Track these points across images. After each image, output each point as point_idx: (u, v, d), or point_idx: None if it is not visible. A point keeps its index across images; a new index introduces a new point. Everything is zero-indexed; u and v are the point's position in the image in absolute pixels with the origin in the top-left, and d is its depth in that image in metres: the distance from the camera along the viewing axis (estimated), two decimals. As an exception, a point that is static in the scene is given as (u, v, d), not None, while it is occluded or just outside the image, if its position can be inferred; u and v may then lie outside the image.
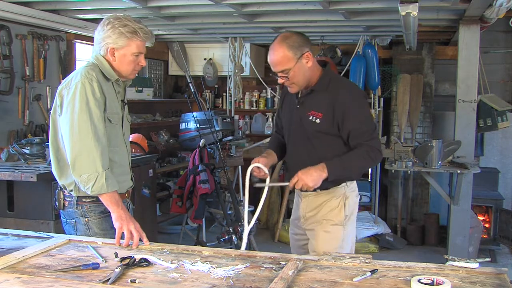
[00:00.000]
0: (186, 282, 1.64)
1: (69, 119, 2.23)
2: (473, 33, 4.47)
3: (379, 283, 1.63)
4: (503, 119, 4.98)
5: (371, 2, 3.89)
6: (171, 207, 4.90)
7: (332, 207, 2.60)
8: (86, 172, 2.22)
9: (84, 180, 2.22)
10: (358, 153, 2.48)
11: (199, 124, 5.10)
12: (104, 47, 2.35)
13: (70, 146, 2.24)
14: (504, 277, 1.66)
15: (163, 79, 6.81)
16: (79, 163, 2.22)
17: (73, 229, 2.41)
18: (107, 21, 2.34)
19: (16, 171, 3.48)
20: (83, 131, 2.22)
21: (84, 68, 2.33)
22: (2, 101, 4.31)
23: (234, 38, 6.11)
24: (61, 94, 2.30)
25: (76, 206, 2.37)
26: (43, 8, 4.25)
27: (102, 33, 2.34)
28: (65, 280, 1.63)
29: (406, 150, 4.52)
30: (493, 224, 5.45)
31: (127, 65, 2.39)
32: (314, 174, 2.40)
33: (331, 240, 2.58)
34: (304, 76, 2.49)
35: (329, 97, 2.50)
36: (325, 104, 2.50)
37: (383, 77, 5.99)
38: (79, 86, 2.24)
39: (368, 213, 6.02)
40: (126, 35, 2.33)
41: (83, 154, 2.22)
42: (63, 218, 2.47)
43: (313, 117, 2.52)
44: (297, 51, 2.42)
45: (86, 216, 2.37)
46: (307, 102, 2.56)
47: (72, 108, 2.23)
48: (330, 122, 2.49)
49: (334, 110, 2.47)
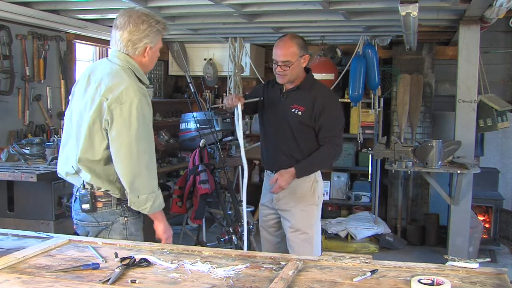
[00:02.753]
0: (186, 282, 1.64)
1: (127, 140, 2.14)
2: (473, 33, 4.47)
3: (379, 283, 1.63)
4: (503, 119, 4.97)
5: (371, 2, 3.89)
6: (171, 207, 4.89)
7: (306, 190, 3.09)
8: (145, 193, 2.20)
9: (142, 200, 2.21)
10: (320, 154, 3.01)
11: (199, 124, 5.10)
12: (142, 47, 2.26)
13: (128, 166, 2.16)
14: (504, 277, 1.66)
15: (163, 79, 6.81)
16: (138, 184, 2.18)
17: (104, 230, 2.32)
18: (139, 19, 2.23)
19: (16, 171, 3.48)
20: (141, 152, 2.17)
21: (128, 78, 2.20)
22: (2, 101, 4.31)
23: (234, 38, 6.11)
24: (111, 109, 2.13)
25: (116, 206, 2.30)
26: (43, 8, 4.25)
27: (139, 33, 2.23)
28: (65, 280, 1.63)
29: (406, 150, 4.51)
30: (493, 224, 5.45)
31: (154, 61, 2.38)
32: (286, 176, 2.93)
33: (308, 218, 3.11)
34: (297, 72, 3.03)
35: (312, 96, 3.02)
36: (307, 100, 3.01)
37: (383, 77, 5.99)
38: (135, 103, 2.13)
39: (368, 213, 6.02)
40: (161, 32, 2.30)
41: (142, 175, 2.19)
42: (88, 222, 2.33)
43: (295, 110, 3.02)
44: (301, 50, 3.00)
45: (125, 216, 2.33)
46: (290, 97, 3.07)
47: (128, 128, 2.13)
48: (309, 116, 2.99)
49: (314, 106, 2.99)
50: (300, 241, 3.10)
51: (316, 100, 2.99)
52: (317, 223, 3.16)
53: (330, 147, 3.01)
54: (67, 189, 3.47)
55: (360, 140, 6.12)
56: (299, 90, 3.05)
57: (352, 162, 6.32)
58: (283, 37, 3.05)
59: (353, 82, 5.59)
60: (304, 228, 3.10)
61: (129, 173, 2.17)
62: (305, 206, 3.09)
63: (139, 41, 2.25)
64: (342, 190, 6.37)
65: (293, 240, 3.11)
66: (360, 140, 6.12)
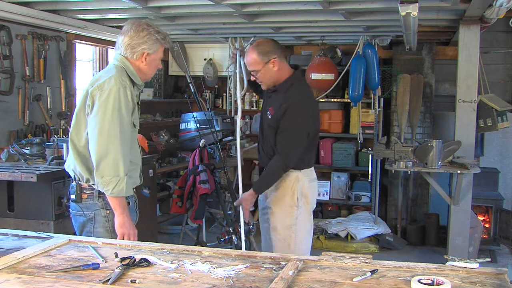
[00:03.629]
0: (186, 282, 1.64)
1: (99, 121, 2.32)
2: (473, 33, 4.46)
3: (379, 283, 1.63)
4: (503, 119, 4.97)
5: (371, 2, 3.89)
6: (171, 207, 4.90)
7: (285, 190, 3.05)
8: (109, 174, 2.33)
9: (105, 181, 2.34)
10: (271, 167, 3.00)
11: (199, 124, 5.10)
12: (140, 52, 2.45)
13: (97, 147, 2.32)
14: (504, 277, 1.66)
15: (163, 79, 6.81)
16: (104, 165, 2.33)
17: (89, 222, 2.47)
18: (140, 27, 2.43)
19: (16, 171, 3.48)
20: (111, 135, 2.32)
21: (116, 72, 2.40)
22: (2, 101, 4.31)
23: (234, 38, 6.10)
24: (93, 94, 2.35)
25: (97, 198, 2.45)
26: (43, 8, 4.25)
27: (138, 39, 2.43)
28: (65, 280, 1.63)
29: (406, 150, 4.51)
30: (493, 224, 5.45)
31: (154, 69, 2.55)
32: (247, 197, 3.07)
33: (285, 219, 3.06)
34: (270, 77, 3.00)
35: (283, 99, 2.96)
36: (278, 104, 2.97)
37: (383, 77, 5.99)
38: (114, 91, 2.33)
39: (368, 213, 6.02)
40: (160, 41, 2.48)
41: (109, 157, 2.32)
42: (76, 211, 2.51)
43: (269, 113, 3.03)
44: (264, 57, 2.94)
45: (107, 209, 2.46)
46: (271, 99, 3.07)
47: (103, 111, 2.31)
48: (275, 120, 2.97)
49: (280, 110, 2.94)
50: (278, 240, 3.10)
51: (283, 105, 2.94)
52: (297, 224, 3.07)
53: (278, 158, 2.96)
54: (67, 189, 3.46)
55: (360, 140, 6.12)
56: (277, 93, 3.04)
57: (352, 162, 6.32)
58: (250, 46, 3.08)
59: (353, 82, 5.60)
60: (281, 229, 3.09)
61: (97, 152, 2.33)
62: (284, 206, 3.07)
63: (137, 45, 2.44)
64: (342, 190, 6.37)
65: (272, 239, 3.13)
66: (360, 140, 6.12)
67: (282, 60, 3.01)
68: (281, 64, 2.99)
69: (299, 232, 3.08)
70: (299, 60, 6.49)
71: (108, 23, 4.99)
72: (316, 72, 5.77)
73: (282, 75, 3.02)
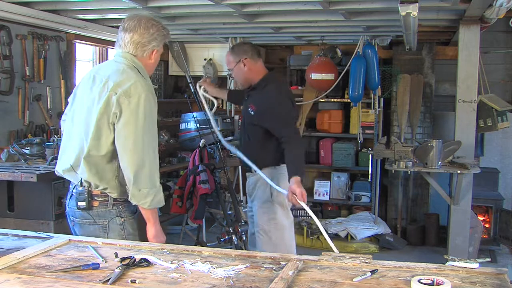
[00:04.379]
0: (186, 282, 1.64)
1: (133, 131, 2.20)
2: (473, 33, 4.46)
3: (379, 284, 1.63)
4: (503, 119, 4.97)
5: (371, 2, 3.89)
6: (171, 207, 4.89)
7: (262, 186, 3.28)
8: (146, 187, 2.23)
9: (143, 194, 2.23)
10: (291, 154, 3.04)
11: (199, 124, 5.10)
12: (150, 50, 2.37)
13: (133, 158, 2.20)
14: (504, 277, 1.66)
15: (163, 79, 6.81)
16: (141, 176, 2.21)
17: (102, 230, 2.33)
18: (149, 23, 2.33)
19: (16, 171, 3.48)
20: (146, 145, 2.23)
21: (136, 75, 2.27)
22: (2, 101, 4.31)
23: (234, 38, 6.10)
24: (120, 102, 2.20)
25: (112, 206, 2.32)
26: (43, 8, 4.25)
27: (148, 36, 2.33)
28: (65, 280, 1.63)
29: (406, 150, 4.51)
30: (493, 224, 5.45)
31: (156, 65, 2.50)
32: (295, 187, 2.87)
33: (264, 214, 3.31)
34: (242, 76, 3.33)
35: (261, 96, 3.24)
36: (259, 99, 3.24)
37: (383, 77, 5.99)
38: (143, 97, 2.22)
39: (368, 213, 6.02)
40: (166, 37, 2.42)
41: (146, 168, 2.22)
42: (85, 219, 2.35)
43: (250, 109, 3.26)
44: (236, 56, 3.29)
45: (122, 216, 2.34)
46: (250, 97, 3.34)
47: (135, 119, 2.20)
48: (258, 115, 3.20)
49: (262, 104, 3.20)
50: (260, 234, 3.35)
51: (262, 100, 3.23)
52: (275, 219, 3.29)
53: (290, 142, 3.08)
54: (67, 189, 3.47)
55: (360, 140, 6.12)
56: (255, 91, 3.32)
57: (352, 162, 6.32)
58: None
59: (353, 82, 5.60)
60: (262, 224, 3.34)
61: (134, 164, 2.20)
62: (261, 203, 3.33)
63: (148, 43, 2.35)
64: (342, 190, 6.37)
65: (256, 234, 3.39)
66: (360, 140, 6.12)
67: (255, 61, 3.30)
68: (253, 65, 3.29)
69: (279, 225, 3.31)
70: (299, 60, 6.50)
71: (108, 23, 4.99)
72: (316, 72, 5.77)
73: (256, 74, 3.31)
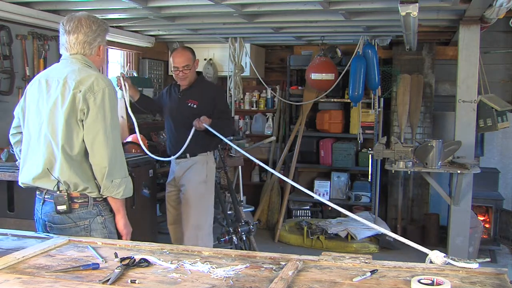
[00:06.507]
0: (186, 282, 1.64)
1: (102, 126, 2.23)
2: (473, 33, 4.46)
3: (379, 284, 1.63)
4: (503, 119, 4.97)
5: (371, 2, 3.90)
6: (171, 207, 4.88)
7: (198, 169, 3.95)
8: (119, 177, 2.28)
9: (116, 184, 2.27)
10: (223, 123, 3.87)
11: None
12: (97, 46, 2.42)
13: (106, 152, 2.23)
14: (504, 277, 1.66)
15: (163, 79, 6.80)
16: (114, 168, 2.26)
17: (83, 231, 2.31)
18: (89, 21, 2.38)
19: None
20: (115, 138, 2.28)
21: (95, 71, 2.36)
22: (2, 101, 4.31)
23: (234, 38, 6.11)
24: (86, 98, 2.22)
25: (92, 206, 2.33)
26: (43, 8, 4.25)
27: (92, 33, 2.38)
28: (65, 280, 1.63)
29: (406, 150, 4.51)
30: (493, 224, 5.45)
31: (104, 60, 2.64)
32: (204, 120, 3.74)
33: (197, 192, 3.91)
34: (193, 75, 3.96)
35: (204, 91, 3.95)
36: (201, 96, 3.92)
37: (383, 77, 5.98)
38: (107, 92, 2.26)
39: (368, 213, 6.01)
40: (107, 30, 2.50)
41: (118, 159, 2.28)
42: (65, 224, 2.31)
43: (191, 104, 3.90)
44: (193, 56, 3.95)
45: (102, 215, 2.36)
46: (185, 95, 3.95)
47: (103, 114, 2.23)
48: (205, 107, 3.86)
49: (209, 98, 3.92)
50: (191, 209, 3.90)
51: (209, 94, 3.95)
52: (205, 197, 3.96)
53: (229, 119, 4.09)
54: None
55: (360, 140, 6.12)
56: (192, 88, 3.96)
57: (352, 162, 6.31)
58: (177, 49, 4.05)
59: (353, 82, 5.60)
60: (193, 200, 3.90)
61: (107, 157, 2.23)
62: (195, 183, 3.92)
63: (94, 40, 2.39)
64: (342, 190, 6.37)
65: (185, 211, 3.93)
66: (360, 140, 6.12)
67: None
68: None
69: (209, 201, 3.99)
70: (299, 60, 6.50)
71: (108, 23, 4.98)
72: (316, 72, 5.77)
73: (194, 76, 3.99)
